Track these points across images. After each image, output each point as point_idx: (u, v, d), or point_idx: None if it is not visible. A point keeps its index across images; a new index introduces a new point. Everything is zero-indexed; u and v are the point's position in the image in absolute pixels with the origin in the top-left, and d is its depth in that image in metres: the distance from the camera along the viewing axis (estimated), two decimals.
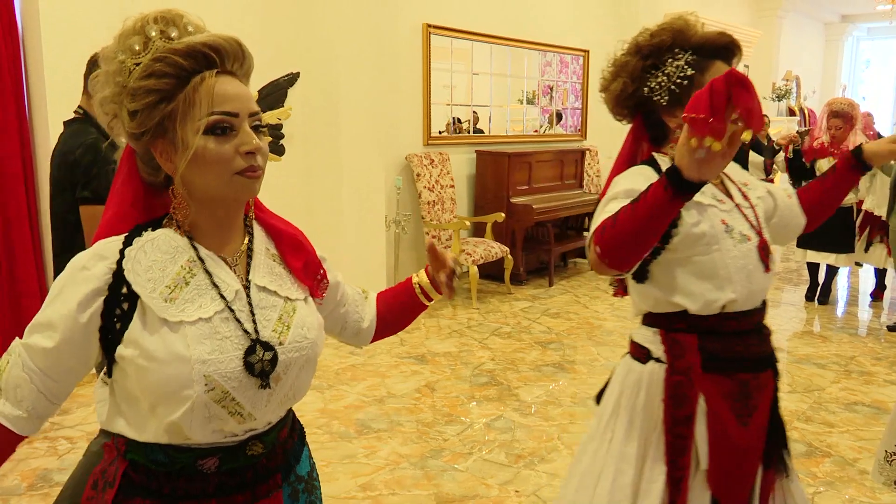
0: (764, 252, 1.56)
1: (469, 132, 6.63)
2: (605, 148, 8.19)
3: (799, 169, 5.64)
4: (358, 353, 4.44)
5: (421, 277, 1.38)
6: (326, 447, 3.18)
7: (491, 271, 6.26)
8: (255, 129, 1.04)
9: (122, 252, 1.02)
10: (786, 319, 5.45)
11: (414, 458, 3.07)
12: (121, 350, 1.00)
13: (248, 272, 1.08)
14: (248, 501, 1.07)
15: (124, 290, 1.00)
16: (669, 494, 1.53)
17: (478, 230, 6.44)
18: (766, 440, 1.58)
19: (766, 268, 1.56)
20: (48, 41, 3.76)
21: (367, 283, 5.49)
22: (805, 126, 11.42)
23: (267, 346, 1.03)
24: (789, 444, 1.66)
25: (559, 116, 7.79)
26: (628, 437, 1.58)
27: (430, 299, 1.39)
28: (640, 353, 1.63)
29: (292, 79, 4.91)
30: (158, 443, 1.02)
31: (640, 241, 1.30)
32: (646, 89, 1.57)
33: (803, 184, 7.69)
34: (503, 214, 5.96)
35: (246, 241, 1.11)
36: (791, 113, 12.20)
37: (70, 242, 2.58)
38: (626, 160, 1.66)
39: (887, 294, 6.11)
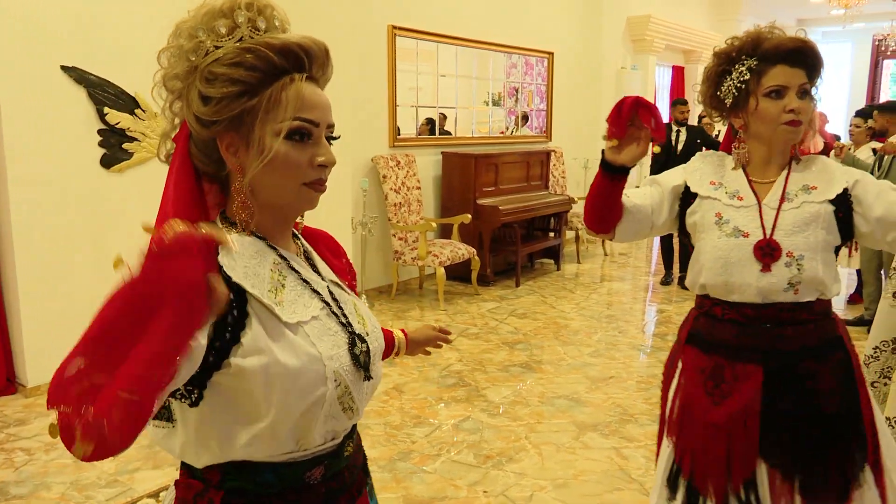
0: (762, 251, 1.60)
1: (436, 133, 6.63)
2: (569, 149, 8.27)
3: None
4: None
5: (399, 337, 1.46)
6: None
7: (458, 272, 6.27)
8: (328, 140, 1.01)
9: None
10: None
11: (382, 462, 3.06)
12: (237, 362, 0.90)
13: (315, 271, 1.07)
14: (349, 503, 1.07)
15: (231, 295, 0.91)
16: (658, 447, 1.83)
17: (444, 232, 6.45)
18: (769, 438, 1.61)
19: (763, 266, 1.60)
20: None
21: None
22: None
23: (361, 338, 1.04)
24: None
25: (525, 118, 7.85)
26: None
27: (396, 355, 1.47)
28: None
29: None
30: (270, 461, 0.97)
31: (596, 210, 1.68)
32: (718, 92, 1.70)
33: None
34: (470, 216, 5.97)
35: (299, 243, 1.10)
36: None
37: None
38: None
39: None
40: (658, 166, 6.21)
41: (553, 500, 2.77)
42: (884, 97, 16.57)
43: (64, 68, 3.67)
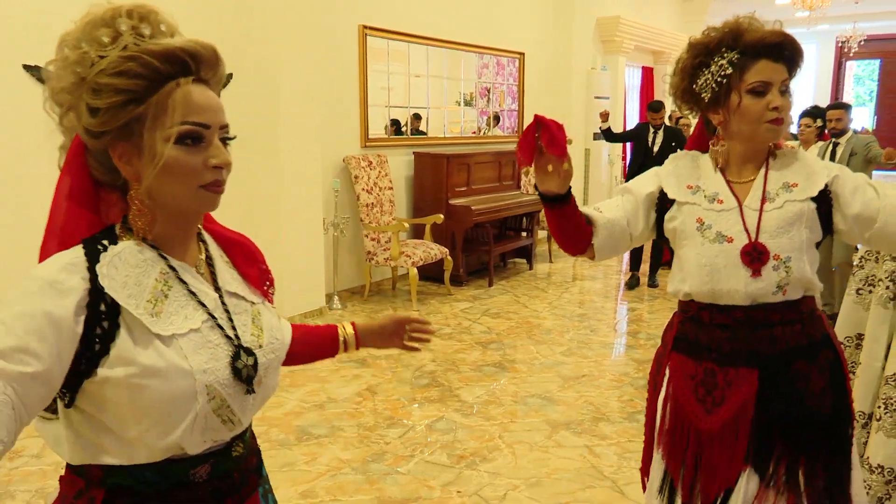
0: (750, 256, 1.53)
1: (402, 134, 6.62)
2: None
3: None
4: None
5: (347, 331, 1.41)
6: (266, 456, 3.07)
7: (431, 273, 6.27)
8: (223, 141, 1.01)
9: (89, 269, 0.94)
10: None
11: (355, 463, 3.05)
12: (104, 372, 0.92)
13: (213, 279, 1.07)
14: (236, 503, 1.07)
15: (103, 306, 0.93)
16: (644, 455, 1.80)
17: (417, 232, 6.44)
18: (756, 444, 1.56)
19: (753, 272, 1.53)
20: None
21: (306, 286, 5.41)
22: None
23: (248, 352, 1.03)
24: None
25: (496, 118, 7.87)
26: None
27: (346, 350, 1.42)
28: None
29: (226, 81, 4.80)
30: (150, 462, 0.98)
31: (560, 236, 1.65)
32: (694, 86, 1.61)
33: None
34: (442, 216, 5.97)
35: (203, 249, 1.10)
36: None
37: None
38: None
39: None
40: (635, 168, 6.26)
41: (527, 499, 2.78)
42: (846, 97, 16.96)
43: (26, 67, 3.59)
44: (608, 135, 6.83)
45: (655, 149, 6.20)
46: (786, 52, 1.55)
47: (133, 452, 0.96)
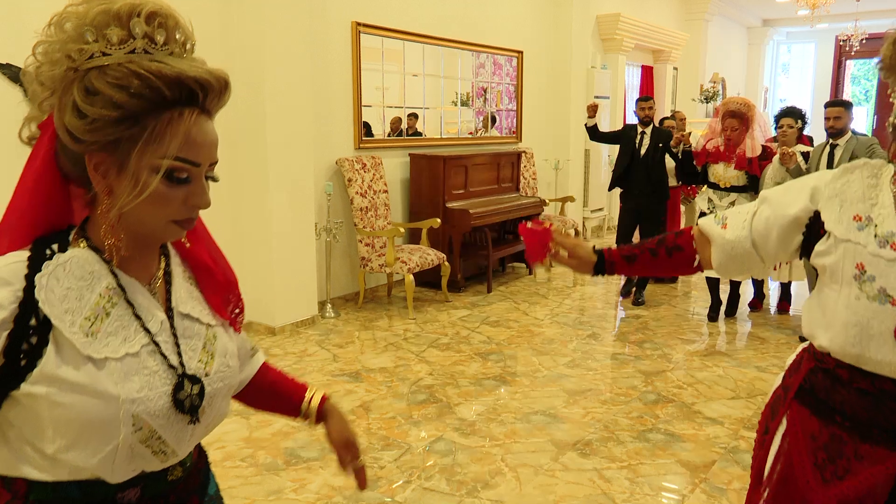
0: None
1: (404, 134, 6.40)
2: (540, 150, 8.11)
3: (690, 175, 5.26)
4: (286, 373, 4.14)
5: (312, 404, 1.26)
6: (251, 482, 2.90)
7: (428, 279, 6.05)
8: (209, 179, 0.96)
9: (28, 278, 0.87)
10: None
11: (348, 491, 2.82)
12: (27, 388, 0.87)
13: (167, 297, 1.00)
14: None
15: (34, 321, 0.87)
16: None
17: (413, 237, 6.22)
18: None
19: None
20: None
21: (298, 294, 5.14)
22: None
23: (194, 380, 0.97)
24: None
25: (493, 119, 7.65)
26: None
27: (305, 420, 1.27)
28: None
29: None
30: (74, 480, 0.91)
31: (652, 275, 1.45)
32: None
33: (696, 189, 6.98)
34: (439, 220, 5.76)
35: (163, 264, 1.02)
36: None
37: None
38: None
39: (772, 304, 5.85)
40: (620, 171, 5.91)
41: None
42: (846, 96, 16.81)
43: None
44: (593, 132, 6.19)
45: (643, 151, 5.76)
46: None
47: (55, 468, 0.90)
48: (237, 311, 1.13)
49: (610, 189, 6.30)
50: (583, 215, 8.96)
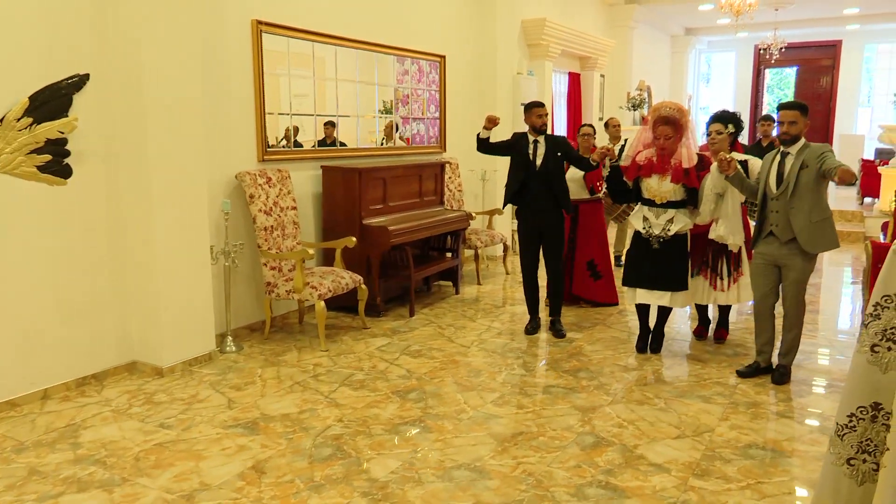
0: None
1: (314, 145, 5.83)
2: (466, 161, 7.66)
3: (620, 193, 4.74)
4: (170, 425, 3.52)
5: None
6: None
7: (344, 303, 5.49)
8: None
9: None
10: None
11: None
12: None
13: None
14: None
15: None
16: None
17: (326, 258, 5.66)
18: None
19: None
20: None
21: (191, 327, 4.42)
22: None
23: None
24: None
25: (395, 127, 7.16)
26: None
27: None
28: None
29: (78, 82, 3.93)
30: None
31: None
32: None
33: (628, 207, 6.61)
34: (354, 239, 5.22)
35: None
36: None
37: None
38: None
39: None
40: (515, 186, 5.13)
41: None
42: (764, 104, 17.16)
43: None
44: (483, 144, 5.20)
45: (538, 162, 5.05)
46: None
47: None
48: None
49: (504, 206, 5.59)
50: (511, 227, 8.56)
